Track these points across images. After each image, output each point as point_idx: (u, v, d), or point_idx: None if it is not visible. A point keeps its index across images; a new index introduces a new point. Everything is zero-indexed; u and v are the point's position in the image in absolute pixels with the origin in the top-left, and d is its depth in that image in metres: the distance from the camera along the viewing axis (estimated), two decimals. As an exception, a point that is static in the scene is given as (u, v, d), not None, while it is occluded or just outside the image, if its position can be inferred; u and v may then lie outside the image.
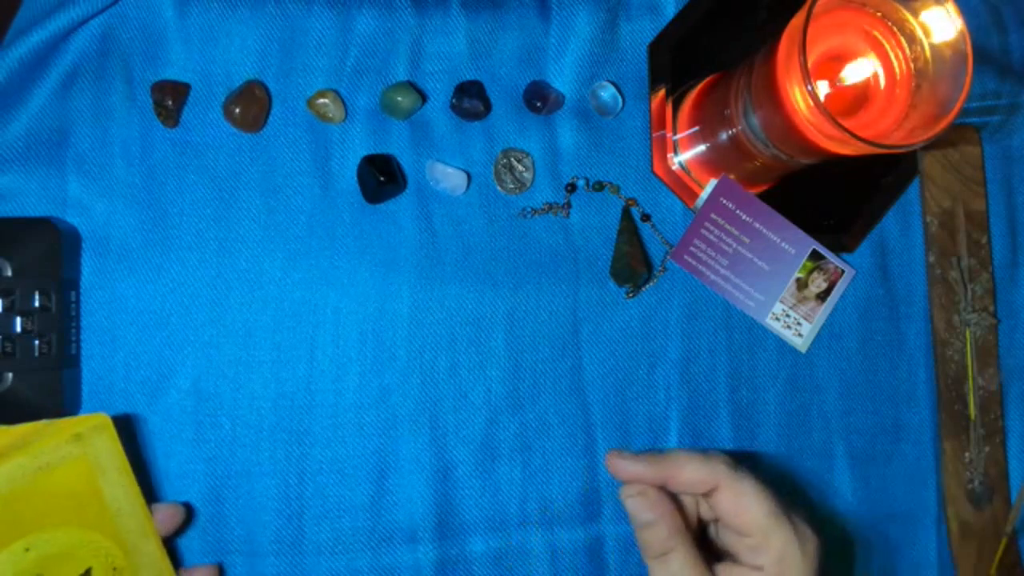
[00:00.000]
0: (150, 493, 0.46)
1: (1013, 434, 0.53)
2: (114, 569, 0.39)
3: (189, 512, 0.46)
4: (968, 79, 0.39)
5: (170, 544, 0.44)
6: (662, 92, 0.50)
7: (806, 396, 0.52)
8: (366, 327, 0.48)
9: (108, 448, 0.39)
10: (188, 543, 0.47)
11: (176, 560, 0.44)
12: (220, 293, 0.47)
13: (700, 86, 0.50)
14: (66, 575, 0.37)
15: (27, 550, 0.36)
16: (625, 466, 0.41)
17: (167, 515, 0.43)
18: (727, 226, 0.50)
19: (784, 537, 0.39)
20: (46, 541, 0.37)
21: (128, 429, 0.46)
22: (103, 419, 0.39)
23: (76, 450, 0.38)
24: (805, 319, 0.51)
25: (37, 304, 0.43)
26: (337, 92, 0.48)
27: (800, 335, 0.51)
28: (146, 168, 0.47)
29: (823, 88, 0.43)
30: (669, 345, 0.51)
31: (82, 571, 0.38)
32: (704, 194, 0.50)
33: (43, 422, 0.40)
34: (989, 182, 0.53)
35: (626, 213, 0.50)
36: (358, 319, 0.48)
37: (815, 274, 0.51)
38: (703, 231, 0.50)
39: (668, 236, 0.51)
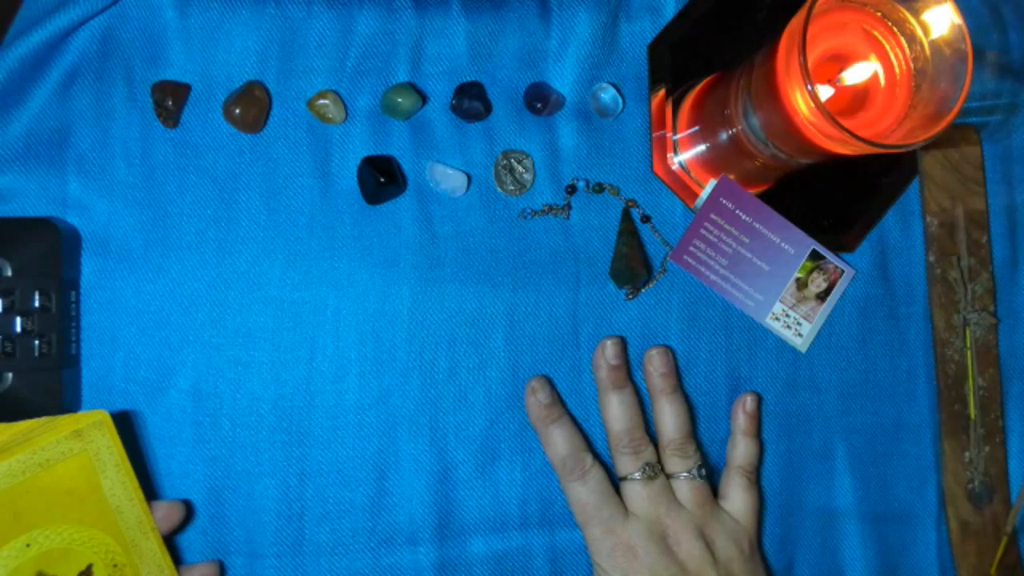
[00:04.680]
0: (150, 493, 0.46)
1: (1013, 434, 0.53)
2: (114, 565, 0.39)
3: (189, 510, 0.46)
4: (968, 79, 0.39)
5: (170, 543, 0.44)
6: (662, 92, 0.50)
7: (806, 396, 0.52)
8: (366, 328, 0.48)
9: (107, 444, 0.39)
10: (188, 543, 0.47)
11: (176, 560, 0.44)
12: (220, 293, 0.47)
13: (700, 86, 0.50)
14: (67, 571, 0.38)
15: (27, 546, 0.36)
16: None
17: (167, 512, 0.43)
18: (727, 226, 0.50)
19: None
20: (47, 537, 0.37)
21: (128, 429, 0.46)
22: (102, 415, 0.39)
23: (76, 446, 0.38)
24: (805, 319, 0.51)
25: (37, 304, 0.43)
26: (337, 93, 0.48)
27: (800, 335, 0.51)
28: (146, 168, 0.47)
29: (823, 89, 0.43)
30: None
31: (83, 567, 0.38)
32: (704, 194, 0.50)
33: (43, 419, 0.40)
34: (989, 182, 0.53)
35: (626, 214, 0.50)
36: (358, 320, 0.48)
37: (815, 274, 0.51)
38: (703, 231, 0.50)
39: (668, 237, 0.51)
